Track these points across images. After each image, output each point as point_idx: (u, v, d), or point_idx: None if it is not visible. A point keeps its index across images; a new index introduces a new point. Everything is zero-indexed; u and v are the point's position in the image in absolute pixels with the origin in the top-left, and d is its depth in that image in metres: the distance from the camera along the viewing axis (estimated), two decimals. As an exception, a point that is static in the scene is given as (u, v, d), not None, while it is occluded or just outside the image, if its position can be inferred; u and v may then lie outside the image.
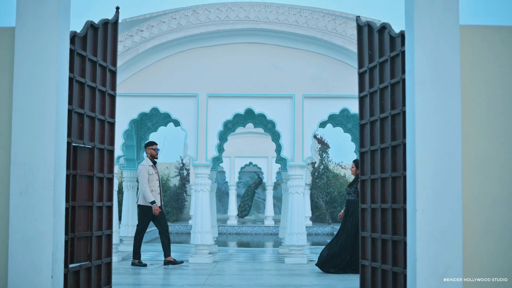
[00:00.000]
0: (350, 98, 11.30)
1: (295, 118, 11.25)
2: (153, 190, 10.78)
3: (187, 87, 11.37)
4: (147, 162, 11.01)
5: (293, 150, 11.23)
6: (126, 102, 11.42)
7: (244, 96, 11.40)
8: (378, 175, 7.13)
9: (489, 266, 5.78)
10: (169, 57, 11.45)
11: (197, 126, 11.28)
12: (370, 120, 7.43)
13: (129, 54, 11.22)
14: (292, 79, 11.35)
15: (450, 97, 5.88)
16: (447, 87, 5.89)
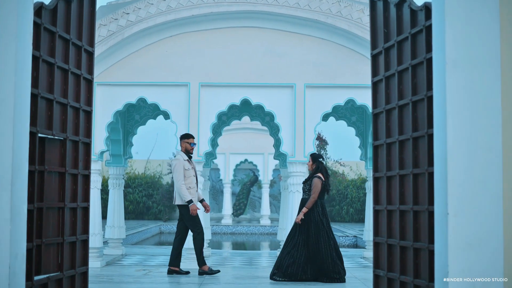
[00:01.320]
0: (356, 88, 10.33)
1: (296, 110, 10.25)
2: (190, 187, 9.55)
3: (178, 76, 10.37)
4: (182, 156, 9.66)
5: (294, 144, 10.24)
6: (110, 91, 10.42)
7: (240, 85, 10.39)
8: (396, 172, 6.17)
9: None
10: (158, 43, 10.43)
11: (188, 118, 10.27)
12: (386, 109, 6.46)
13: (113, 39, 10.21)
14: (292, 66, 10.35)
15: (488, 78, 4.95)
16: (485, 66, 4.96)
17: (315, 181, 8.95)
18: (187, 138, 9.73)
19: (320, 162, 9.15)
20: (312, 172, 9.16)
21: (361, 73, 10.30)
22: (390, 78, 6.45)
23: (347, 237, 19.71)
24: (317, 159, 9.16)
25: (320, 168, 9.10)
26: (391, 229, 6.36)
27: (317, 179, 8.95)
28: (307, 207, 8.88)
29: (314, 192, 8.92)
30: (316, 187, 8.91)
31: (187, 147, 9.71)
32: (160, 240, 22.90)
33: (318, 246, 8.78)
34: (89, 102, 6.85)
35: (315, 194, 8.92)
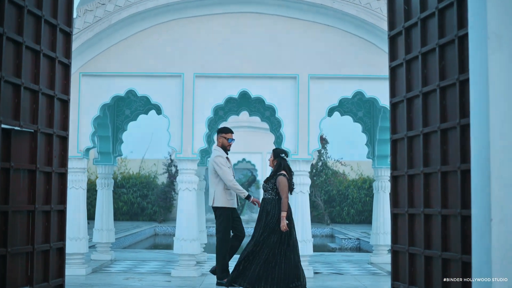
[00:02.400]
0: (365, 79, 9.49)
1: (299, 103, 9.39)
2: (227, 188, 8.56)
3: (170, 66, 9.49)
4: (222, 152, 8.69)
5: (297, 141, 9.37)
6: (97, 83, 9.54)
7: (238, 76, 9.52)
8: (420, 170, 5.34)
9: None
10: (148, 30, 9.56)
11: (182, 112, 9.40)
12: (406, 97, 5.63)
13: (100, 25, 9.33)
14: (295, 56, 9.49)
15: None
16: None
17: (280, 179, 8.01)
18: (224, 133, 8.76)
19: (283, 158, 8.19)
20: (275, 170, 8.22)
21: (370, 63, 9.45)
22: (412, 61, 5.62)
23: (349, 239, 18.84)
24: (279, 154, 8.24)
25: (282, 165, 8.17)
26: (413, 236, 5.54)
27: (282, 177, 8.02)
28: (284, 210, 7.94)
29: (283, 191, 7.98)
30: (283, 185, 7.98)
31: (224, 142, 8.74)
32: (155, 242, 22.05)
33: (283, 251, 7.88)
34: (65, 89, 6.03)
35: (286, 194, 8.00)
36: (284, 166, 8.16)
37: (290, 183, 8.10)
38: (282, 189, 7.99)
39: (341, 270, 10.55)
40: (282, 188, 7.99)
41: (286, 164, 8.20)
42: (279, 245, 7.87)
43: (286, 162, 8.24)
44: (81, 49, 9.38)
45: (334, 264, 11.20)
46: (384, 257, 11.27)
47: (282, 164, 8.18)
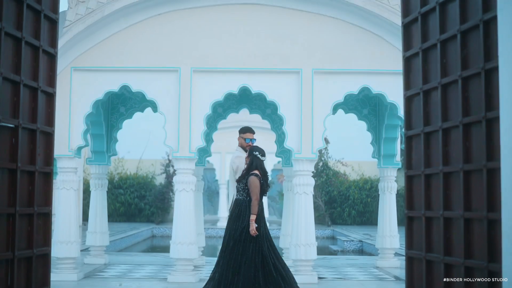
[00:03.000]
0: (372, 74, 9.01)
1: (303, 99, 8.91)
2: None
3: (166, 60, 9.01)
4: (241, 152, 8.04)
5: (300, 139, 8.89)
6: (89, 78, 9.06)
7: (238, 71, 9.04)
8: (439, 169, 4.86)
9: None
10: (144, 22, 9.08)
11: (179, 109, 8.92)
12: (423, 89, 5.16)
13: (92, 17, 8.85)
14: (298, 49, 9.01)
15: None
16: None
17: (251, 180, 7.46)
18: (242, 132, 8.16)
19: (255, 157, 7.61)
20: (247, 168, 7.66)
21: (377, 57, 8.97)
22: (429, 50, 5.14)
23: (352, 241, 18.37)
24: (252, 152, 7.70)
25: (255, 163, 7.60)
26: (431, 242, 5.05)
27: (254, 177, 7.46)
28: (253, 213, 7.38)
29: (254, 193, 7.42)
30: (254, 186, 7.43)
31: (242, 143, 8.11)
32: (152, 244, 21.58)
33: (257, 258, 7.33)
34: (51, 82, 5.52)
35: (256, 195, 7.43)
36: (257, 165, 7.59)
37: (264, 183, 7.56)
38: (253, 190, 7.43)
39: (346, 275, 10.06)
40: (252, 189, 7.43)
41: (259, 163, 7.61)
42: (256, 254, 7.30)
43: (260, 160, 7.64)
44: (72, 42, 8.90)
45: (338, 269, 10.71)
46: (390, 261, 10.79)
47: (254, 162, 7.59)
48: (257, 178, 7.53)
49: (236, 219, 7.51)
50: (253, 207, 7.39)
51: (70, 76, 8.98)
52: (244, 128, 8.26)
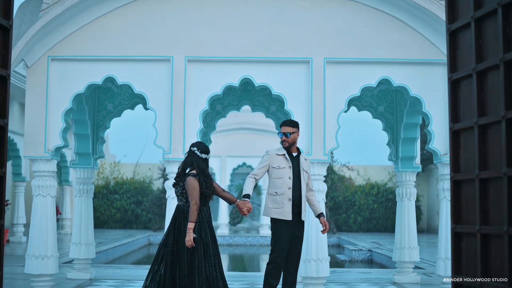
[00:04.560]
0: (393, 64, 7.90)
1: (313, 92, 7.77)
2: (277, 193, 6.68)
3: (157, 48, 7.88)
4: (274, 150, 6.85)
5: (310, 139, 7.75)
6: (68, 68, 7.93)
7: (240, 60, 7.90)
8: (502, 172, 3.70)
9: None
10: (131, 4, 7.94)
11: (171, 104, 7.78)
12: (477, 70, 4.06)
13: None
14: (308, 36, 7.88)
15: None
16: None
17: (188, 181, 6.27)
18: (280, 127, 6.91)
19: (193, 153, 6.41)
20: (182, 167, 6.46)
21: (399, 44, 7.85)
22: (484, 20, 4.01)
23: (360, 251, 17.20)
24: (191, 148, 6.48)
25: (193, 161, 6.40)
26: (488, 265, 3.91)
27: (191, 178, 6.26)
28: (191, 220, 6.16)
29: (192, 196, 6.21)
30: (192, 188, 6.23)
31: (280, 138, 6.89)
32: (149, 252, 20.42)
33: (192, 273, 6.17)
34: (4, 62, 4.37)
35: (195, 199, 6.20)
36: (197, 163, 6.33)
37: (205, 185, 6.30)
38: (191, 193, 6.19)
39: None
40: (190, 192, 6.20)
41: (199, 161, 6.35)
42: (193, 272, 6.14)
43: (199, 158, 6.37)
44: (49, 28, 7.77)
45: (351, 285, 9.55)
46: (409, 276, 9.64)
47: (189, 160, 6.37)
48: (194, 179, 6.25)
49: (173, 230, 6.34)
50: (191, 214, 6.14)
51: (47, 67, 7.85)
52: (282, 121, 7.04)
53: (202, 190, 6.27)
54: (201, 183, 6.28)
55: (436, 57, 7.84)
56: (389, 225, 25.85)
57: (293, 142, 6.79)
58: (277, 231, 6.62)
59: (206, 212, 6.37)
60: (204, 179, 6.32)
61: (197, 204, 6.18)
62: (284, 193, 6.61)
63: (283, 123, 6.88)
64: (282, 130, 6.81)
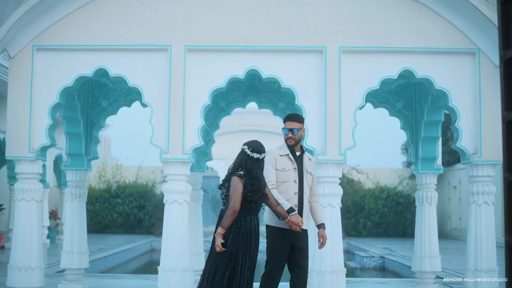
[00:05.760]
0: (416, 53, 7.11)
1: (328, 85, 6.98)
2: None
3: (153, 36, 7.10)
4: (280, 149, 6.10)
5: (324, 136, 6.95)
6: (55, 59, 7.17)
7: (245, 49, 7.11)
8: None
9: None
10: (125, -12, 7.17)
11: (169, 98, 7.00)
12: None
13: (59, -19, 6.95)
14: (322, 22, 7.09)
15: None
16: None
17: (232, 181, 5.67)
18: (284, 122, 6.17)
19: (244, 153, 5.79)
20: (231, 167, 5.85)
21: (423, 31, 7.06)
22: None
23: (372, 258, 16.40)
24: (242, 148, 5.82)
25: (244, 162, 5.75)
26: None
27: (236, 178, 5.67)
28: (222, 226, 5.59)
29: (231, 198, 5.60)
30: (233, 190, 5.63)
31: (284, 135, 6.18)
32: (152, 259, 19.69)
33: None
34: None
35: (233, 202, 5.56)
36: (247, 164, 5.66)
37: (251, 189, 5.60)
38: (231, 194, 5.58)
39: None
40: (231, 194, 5.59)
41: (245, 161, 5.69)
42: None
43: (251, 159, 5.71)
44: (34, 14, 7.01)
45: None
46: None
47: (245, 161, 5.69)
48: (239, 179, 5.60)
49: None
50: (225, 219, 5.56)
51: (32, 57, 7.08)
52: (286, 116, 6.26)
53: (245, 194, 5.59)
54: (246, 185, 5.60)
55: (464, 46, 7.04)
56: (399, 230, 25.08)
57: (299, 140, 6.08)
58: (273, 240, 5.93)
59: (251, 222, 5.72)
60: (250, 181, 5.63)
61: (234, 208, 5.56)
62: (290, 199, 5.87)
63: (288, 117, 6.13)
64: (287, 125, 6.06)
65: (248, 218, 5.69)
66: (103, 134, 31.22)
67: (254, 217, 5.76)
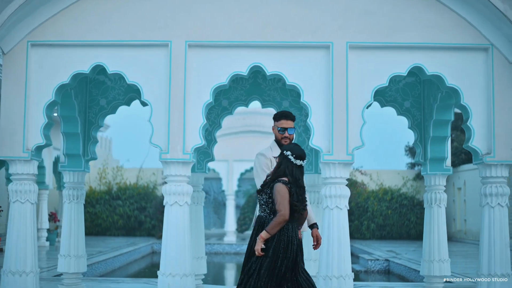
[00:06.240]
0: (426, 49, 6.84)
1: (334, 82, 6.70)
2: None
3: (153, 31, 6.83)
4: (268, 151, 6.08)
5: (331, 135, 6.67)
6: (50, 56, 6.89)
7: (249, 45, 6.82)
8: None
9: None
10: (123, -19, 6.89)
11: (169, 96, 6.72)
12: None
13: (54, -26, 6.67)
14: (329, 17, 6.82)
15: None
16: None
17: (278, 187, 5.46)
18: (276, 120, 6.14)
19: (286, 158, 5.61)
20: (272, 174, 5.65)
21: (434, 26, 6.78)
22: None
23: (377, 260, 16.11)
24: (283, 151, 5.63)
25: (285, 167, 5.58)
26: None
27: (281, 185, 5.46)
28: (268, 231, 5.40)
29: (282, 205, 5.38)
30: (281, 197, 5.42)
31: (276, 134, 6.12)
32: (152, 261, 19.43)
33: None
34: None
35: (284, 209, 5.37)
36: (288, 170, 5.49)
37: (296, 197, 5.42)
38: (280, 201, 5.38)
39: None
40: (279, 201, 5.38)
41: (289, 168, 5.52)
42: None
43: (292, 164, 5.55)
44: (29, 8, 6.73)
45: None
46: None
47: (283, 166, 5.52)
48: (285, 186, 5.41)
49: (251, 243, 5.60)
50: (273, 225, 5.36)
51: (26, 53, 6.81)
52: (279, 113, 6.08)
53: (292, 203, 5.41)
54: (292, 194, 5.41)
55: (476, 41, 6.75)
56: (403, 232, 24.80)
57: (292, 140, 5.98)
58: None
59: (292, 231, 5.50)
60: (297, 190, 5.46)
61: (285, 217, 5.36)
62: None
63: (284, 115, 5.95)
64: (283, 124, 5.91)
65: (291, 226, 5.51)
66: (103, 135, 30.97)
67: (295, 226, 5.56)
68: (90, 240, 20.22)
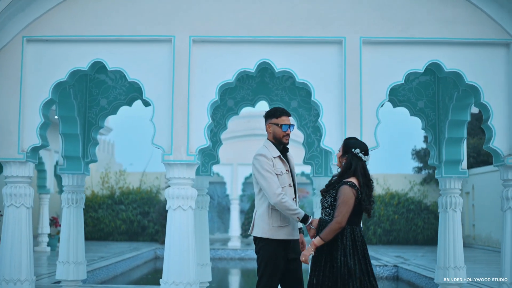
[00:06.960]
0: (444, 45, 6.49)
1: (347, 79, 6.34)
2: None
3: (155, 26, 6.48)
4: (267, 150, 5.61)
5: (344, 136, 6.30)
6: (47, 52, 6.54)
7: (256, 40, 6.47)
8: None
9: None
10: (124, -27, 6.55)
11: (172, 94, 6.36)
12: None
13: (52, -34, 6.33)
14: (341, 10, 6.47)
15: None
16: None
17: (343, 190, 5.14)
18: (275, 117, 5.73)
19: (356, 157, 5.31)
20: (340, 174, 5.32)
21: (452, 20, 6.42)
22: None
23: (385, 266, 15.72)
24: (351, 149, 5.35)
25: (354, 167, 5.27)
26: None
27: (347, 187, 5.14)
28: (321, 236, 5.07)
29: (340, 211, 5.05)
30: (343, 202, 5.09)
31: (276, 132, 5.70)
32: (155, 267, 19.06)
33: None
34: None
35: (341, 216, 5.04)
36: (356, 170, 5.18)
37: (364, 197, 5.12)
38: (340, 206, 5.04)
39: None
40: (339, 205, 5.04)
41: (360, 166, 5.23)
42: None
43: (362, 163, 5.27)
44: (24, 3, 6.40)
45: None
46: (456, 302, 8.17)
47: (355, 165, 5.20)
48: (352, 189, 5.08)
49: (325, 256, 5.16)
50: (328, 231, 5.04)
51: (22, 49, 6.47)
52: (274, 110, 5.75)
53: (365, 207, 5.17)
54: (360, 197, 5.14)
55: (497, 36, 6.39)
56: (410, 237, 24.41)
57: None
58: (269, 253, 5.40)
59: (359, 234, 5.20)
60: (367, 192, 5.20)
61: (340, 224, 5.04)
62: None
63: (283, 112, 5.71)
64: (285, 121, 5.63)
65: (358, 229, 5.22)
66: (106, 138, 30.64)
67: (360, 229, 5.27)
68: (92, 245, 19.91)
